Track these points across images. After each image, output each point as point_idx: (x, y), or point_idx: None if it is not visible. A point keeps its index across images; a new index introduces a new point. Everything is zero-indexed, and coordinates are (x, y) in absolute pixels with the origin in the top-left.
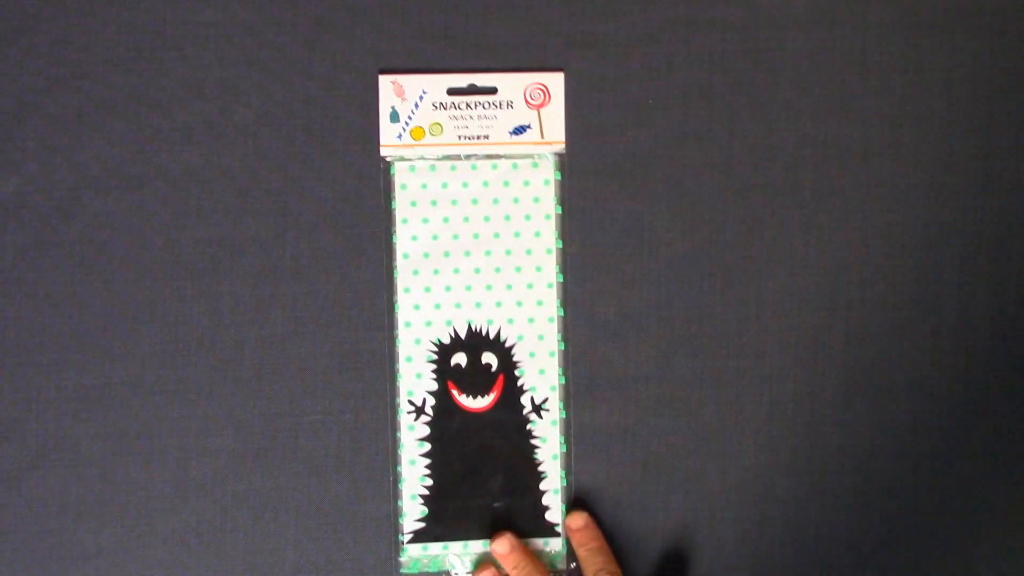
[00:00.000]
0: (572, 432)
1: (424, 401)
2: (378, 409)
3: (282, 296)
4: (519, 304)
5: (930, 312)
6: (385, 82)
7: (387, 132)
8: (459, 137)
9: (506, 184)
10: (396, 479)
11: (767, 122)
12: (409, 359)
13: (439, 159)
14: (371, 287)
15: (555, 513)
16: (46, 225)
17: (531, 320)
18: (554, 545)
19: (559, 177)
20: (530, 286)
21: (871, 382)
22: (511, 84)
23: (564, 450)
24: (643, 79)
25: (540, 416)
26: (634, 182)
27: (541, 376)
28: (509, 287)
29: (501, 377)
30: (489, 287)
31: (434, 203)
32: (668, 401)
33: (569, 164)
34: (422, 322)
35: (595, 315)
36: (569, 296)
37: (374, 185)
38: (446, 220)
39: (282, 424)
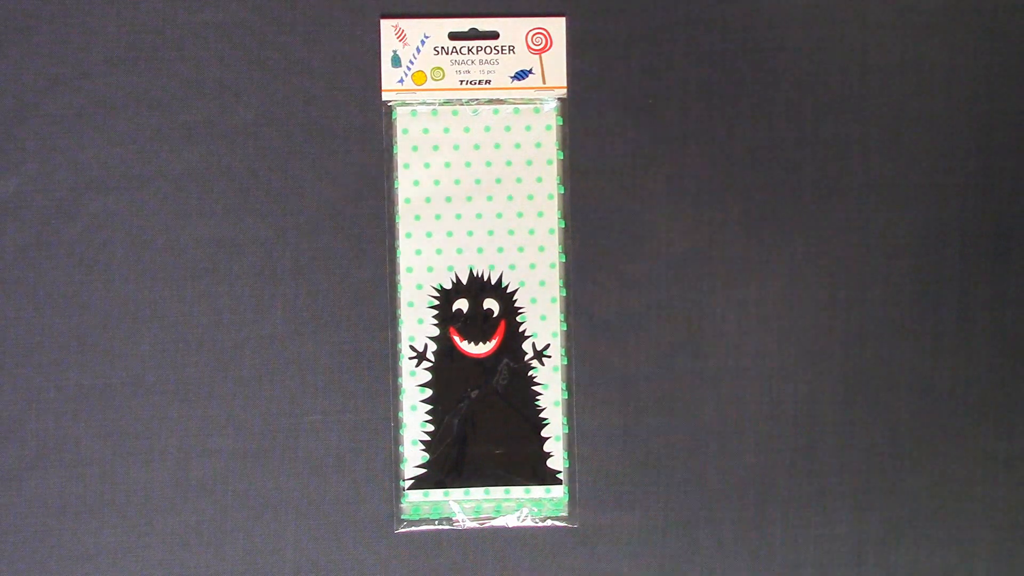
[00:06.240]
0: (573, 378)
1: (426, 347)
2: (378, 409)
3: (282, 296)
4: (521, 250)
5: (930, 312)
6: (387, 26)
7: (389, 77)
8: (461, 82)
9: (508, 129)
10: (397, 425)
11: (767, 122)
12: (411, 304)
13: (441, 104)
14: (371, 287)
15: (557, 460)
16: (46, 225)
17: (533, 266)
18: (556, 492)
19: (561, 122)
20: (532, 232)
21: (871, 382)
22: (513, 28)
23: (566, 396)
24: (643, 79)
25: (542, 362)
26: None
27: (543, 322)
28: (511, 232)
29: (503, 323)
30: (491, 232)
31: (436, 148)
32: (668, 401)
33: (571, 109)
34: (424, 267)
35: (595, 308)
36: (570, 245)
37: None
38: (448, 165)
39: (282, 424)
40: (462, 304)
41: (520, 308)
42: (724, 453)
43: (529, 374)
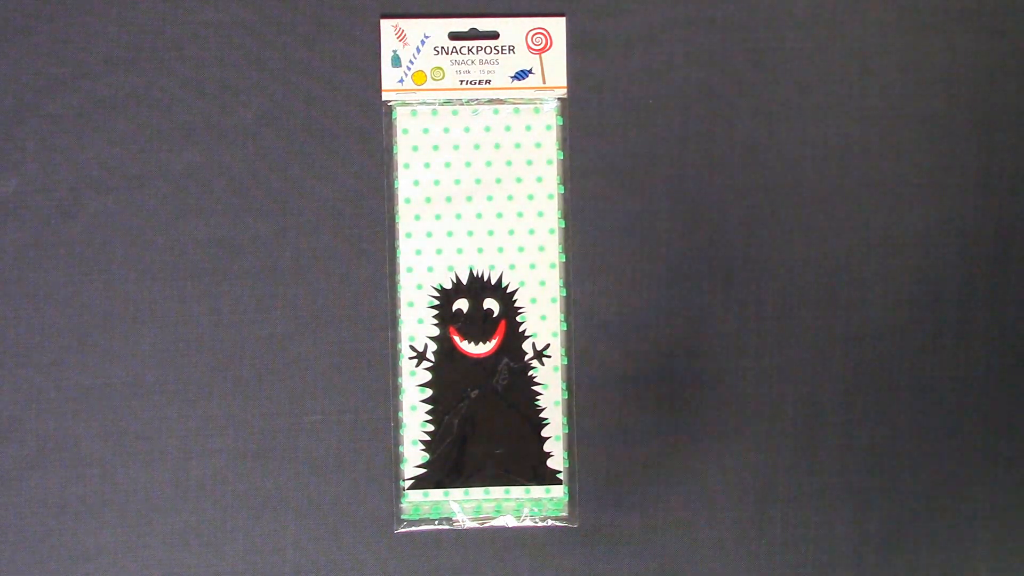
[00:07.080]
0: (573, 378)
1: (426, 347)
2: (378, 409)
3: (282, 296)
4: (521, 250)
5: (930, 312)
6: (387, 26)
7: (389, 77)
8: (461, 82)
9: (508, 129)
10: (397, 425)
11: (767, 122)
12: (411, 304)
13: (441, 104)
14: (371, 287)
15: (557, 460)
16: (46, 225)
17: (533, 266)
18: (556, 492)
19: (561, 122)
20: (532, 232)
21: (871, 382)
22: (513, 28)
23: (566, 396)
24: (643, 79)
25: (542, 362)
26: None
27: (543, 322)
28: (511, 232)
29: (503, 323)
30: (491, 232)
31: (436, 148)
32: (668, 401)
33: (571, 109)
34: (424, 267)
35: (595, 308)
36: (570, 245)
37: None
38: (448, 165)
39: (282, 424)
40: (462, 304)
41: (520, 308)
42: (724, 453)
43: (529, 374)
